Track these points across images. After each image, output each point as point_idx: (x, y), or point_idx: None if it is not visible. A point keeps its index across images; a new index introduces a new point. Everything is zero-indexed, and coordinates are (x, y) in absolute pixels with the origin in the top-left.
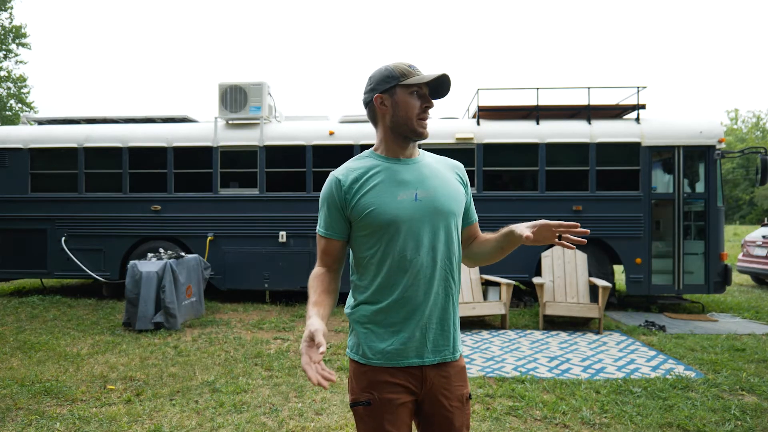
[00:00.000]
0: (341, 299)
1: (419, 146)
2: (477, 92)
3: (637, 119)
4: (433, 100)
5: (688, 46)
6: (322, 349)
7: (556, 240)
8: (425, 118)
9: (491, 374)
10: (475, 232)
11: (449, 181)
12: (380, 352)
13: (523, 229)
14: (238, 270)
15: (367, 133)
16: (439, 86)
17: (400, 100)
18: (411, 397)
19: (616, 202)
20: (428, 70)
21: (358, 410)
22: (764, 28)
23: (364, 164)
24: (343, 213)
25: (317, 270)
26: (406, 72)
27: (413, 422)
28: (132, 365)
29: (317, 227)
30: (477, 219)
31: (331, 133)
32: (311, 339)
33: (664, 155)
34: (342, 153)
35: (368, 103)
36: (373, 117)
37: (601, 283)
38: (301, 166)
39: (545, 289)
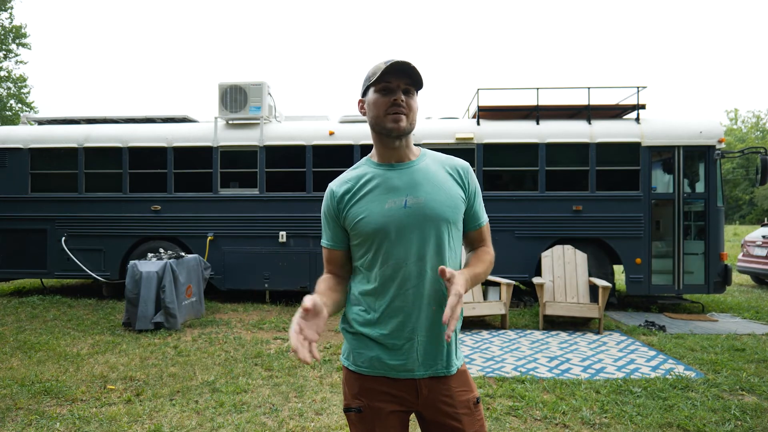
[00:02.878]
0: None
1: (419, 145)
2: (477, 92)
3: (637, 119)
4: (414, 89)
5: (688, 46)
6: (306, 303)
7: None
8: (395, 113)
9: (491, 374)
10: (478, 238)
11: (445, 185)
12: (368, 361)
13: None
14: (238, 270)
15: (367, 133)
16: (406, 75)
17: (370, 101)
18: (402, 408)
19: (616, 202)
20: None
21: (350, 416)
22: (764, 28)
23: (357, 173)
24: (340, 223)
25: (323, 276)
26: (377, 70)
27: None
28: (132, 365)
29: (323, 240)
30: (484, 223)
31: (331, 133)
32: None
33: (664, 155)
34: (342, 153)
35: None
36: None
37: (601, 283)
38: (301, 166)
39: (545, 289)
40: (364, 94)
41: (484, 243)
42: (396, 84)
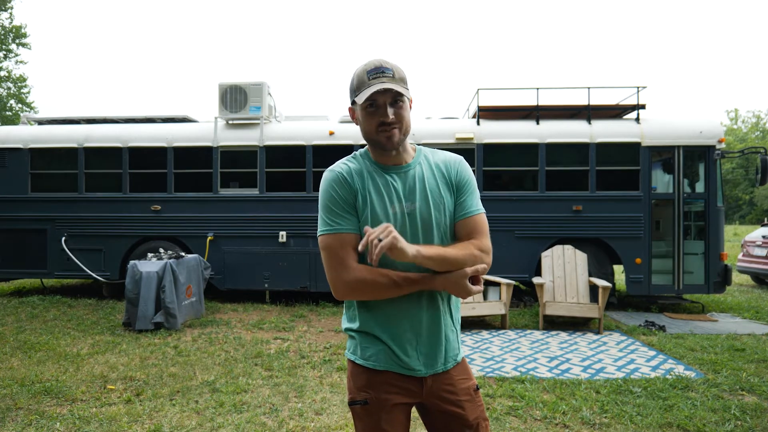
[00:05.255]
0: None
1: (420, 144)
2: (477, 92)
3: (637, 119)
4: (401, 97)
5: (688, 46)
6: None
7: None
8: (387, 130)
9: (491, 374)
10: (463, 230)
11: (436, 189)
12: (375, 355)
13: None
14: (238, 270)
15: None
16: (389, 91)
17: (360, 116)
18: (408, 399)
19: (616, 202)
20: (379, 79)
21: (355, 409)
22: (764, 28)
23: (360, 165)
24: (354, 207)
25: (363, 266)
26: (360, 84)
27: (423, 425)
28: (132, 365)
29: (327, 228)
30: (472, 213)
31: (331, 133)
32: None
33: (664, 155)
34: (342, 153)
35: None
36: None
37: (601, 283)
38: (301, 166)
39: (545, 289)
40: (353, 103)
41: (472, 236)
42: (382, 100)
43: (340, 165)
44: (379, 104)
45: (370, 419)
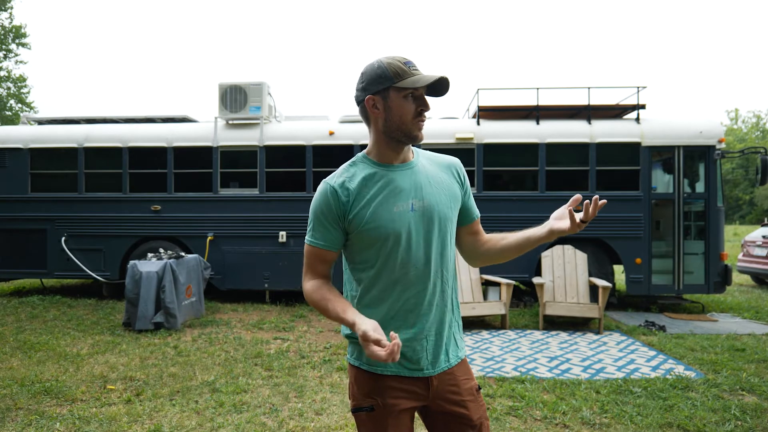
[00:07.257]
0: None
1: (416, 145)
2: (477, 92)
3: (637, 119)
4: (430, 99)
5: (688, 46)
6: (389, 342)
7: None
8: (422, 121)
9: (491, 374)
10: (477, 230)
11: (444, 184)
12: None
13: (560, 224)
14: (238, 270)
15: (367, 133)
16: (437, 87)
17: (393, 104)
18: (415, 403)
19: (616, 202)
20: (425, 70)
21: (360, 416)
22: (764, 28)
23: (358, 172)
24: (340, 224)
25: (316, 282)
26: (400, 71)
27: (425, 427)
28: (132, 365)
29: (309, 237)
30: (479, 215)
31: (331, 133)
32: (366, 340)
33: (664, 155)
34: (342, 153)
35: (360, 102)
36: (366, 117)
37: (601, 283)
38: (301, 166)
39: (545, 289)
40: (379, 92)
41: (482, 233)
42: (421, 92)
43: (336, 177)
44: (418, 94)
45: (375, 425)
